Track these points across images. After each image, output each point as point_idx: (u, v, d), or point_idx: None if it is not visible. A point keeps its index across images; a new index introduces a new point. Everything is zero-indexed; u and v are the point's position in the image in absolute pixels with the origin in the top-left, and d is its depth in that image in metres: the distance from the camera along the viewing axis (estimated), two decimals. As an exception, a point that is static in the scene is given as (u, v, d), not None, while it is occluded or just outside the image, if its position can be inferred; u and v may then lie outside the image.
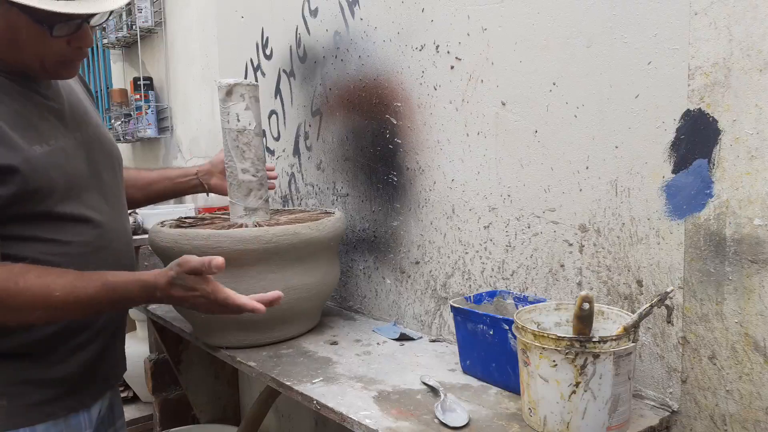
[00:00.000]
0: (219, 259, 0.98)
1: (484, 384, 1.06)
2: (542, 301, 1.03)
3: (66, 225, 1.00)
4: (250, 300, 1.00)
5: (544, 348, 0.83)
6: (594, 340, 0.82)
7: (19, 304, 0.91)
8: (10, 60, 0.97)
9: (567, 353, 0.82)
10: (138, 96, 2.77)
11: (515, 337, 0.90)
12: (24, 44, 0.95)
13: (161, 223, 1.35)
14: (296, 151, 1.70)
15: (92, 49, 3.91)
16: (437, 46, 1.23)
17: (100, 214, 1.07)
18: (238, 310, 1.00)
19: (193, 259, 0.99)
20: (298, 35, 1.63)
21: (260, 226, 1.26)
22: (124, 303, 1.02)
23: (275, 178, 1.44)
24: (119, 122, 3.01)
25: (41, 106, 1.02)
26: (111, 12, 1.02)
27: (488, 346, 1.03)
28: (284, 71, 1.71)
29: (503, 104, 1.12)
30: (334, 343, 1.30)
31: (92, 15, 0.96)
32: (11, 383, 0.98)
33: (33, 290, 0.91)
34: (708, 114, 0.85)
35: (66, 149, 1.03)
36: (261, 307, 0.99)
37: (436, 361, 1.18)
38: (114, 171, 1.15)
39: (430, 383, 1.04)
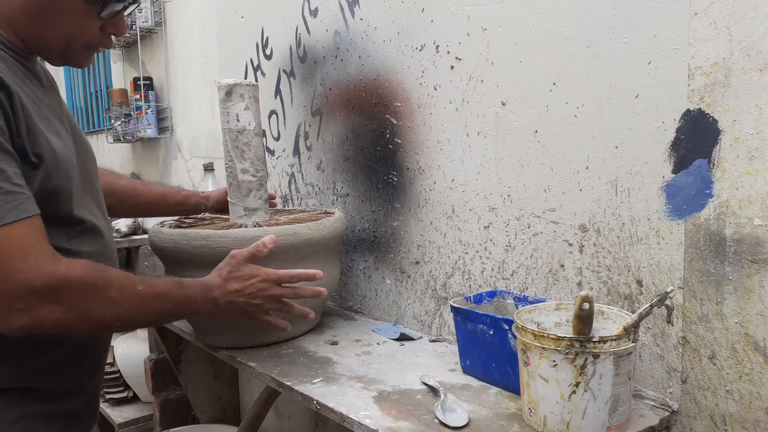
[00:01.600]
0: (268, 237, 1.07)
1: (484, 384, 1.06)
2: (542, 301, 1.03)
3: (76, 232, 0.94)
4: (302, 270, 1.07)
5: (544, 348, 0.83)
6: (594, 340, 0.82)
7: (110, 296, 0.86)
8: (30, 38, 0.90)
9: (567, 353, 0.82)
10: (138, 96, 2.77)
11: (515, 337, 0.90)
12: (59, 21, 0.88)
13: (161, 223, 1.35)
14: (296, 151, 1.70)
15: (92, 49, 3.91)
16: (437, 46, 1.23)
17: (100, 222, 1.01)
18: (297, 278, 1.05)
19: (244, 249, 1.04)
20: (298, 35, 1.63)
21: (260, 226, 1.26)
22: (188, 305, 0.99)
23: (275, 206, 1.45)
24: (119, 122, 3.01)
25: (42, 96, 0.93)
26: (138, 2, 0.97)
27: (488, 346, 1.03)
28: (284, 71, 1.71)
29: (503, 104, 1.12)
30: (334, 343, 1.30)
31: None
32: (16, 419, 0.90)
33: (120, 281, 0.88)
34: (708, 114, 0.85)
35: (69, 145, 0.95)
36: (318, 272, 1.07)
37: (436, 361, 1.18)
38: (96, 177, 1.08)
39: (430, 383, 1.04)
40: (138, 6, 1.03)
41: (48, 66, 1.04)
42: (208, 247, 1.16)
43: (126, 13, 0.97)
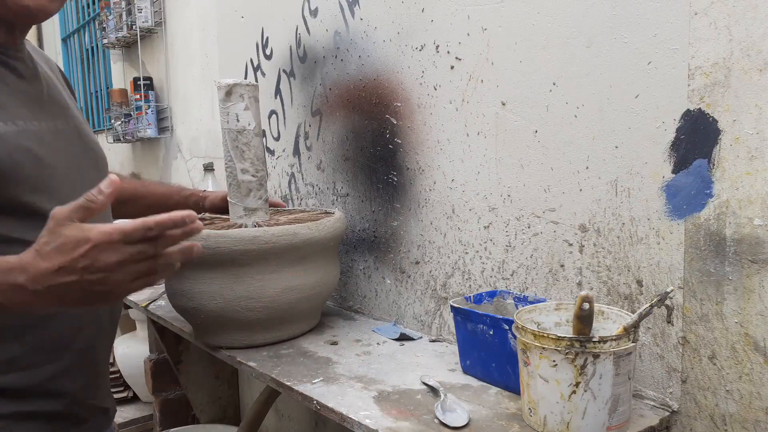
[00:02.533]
0: (110, 177, 0.70)
1: (484, 384, 1.06)
2: (542, 301, 1.03)
3: (33, 221, 0.80)
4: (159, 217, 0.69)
5: (544, 348, 0.83)
6: (594, 340, 0.82)
7: None
8: None
9: (567, 353, 0.82)
10: (138, 96, 2.77)
11: (515, 337, 0.90)
12: None
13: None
14: (296, 151, 1.70)
15: (92, 49, 3.91)
16: (437, 46, 1.23)
17: None
18: (159, 228, 0.68)
19: (69, 204, 0.69)
20: (298, 35, 1.63)
21: (260, 226, 1.26)
22: None
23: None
24: (119, 122, 3.01)
25: (14, 85, 0.88)
26: None
27: (488, 346, 1.03)
28: (284, 71, 1.71)
29: (503, 104, 1.12)
30: (334, 343, 1.30)
31: None
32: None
33: None
34: (708, 114, 0.85)
35: (39, 134, 0.87)
36: (190, 213, 0.70)
37: (436, 361, 1.18)
38: (98, 171, 1.00)
39: (430, 383, 1.04)
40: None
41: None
42: (208, 247, 1.16)
43: None
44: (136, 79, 2.79)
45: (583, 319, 0.84)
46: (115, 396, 2.46)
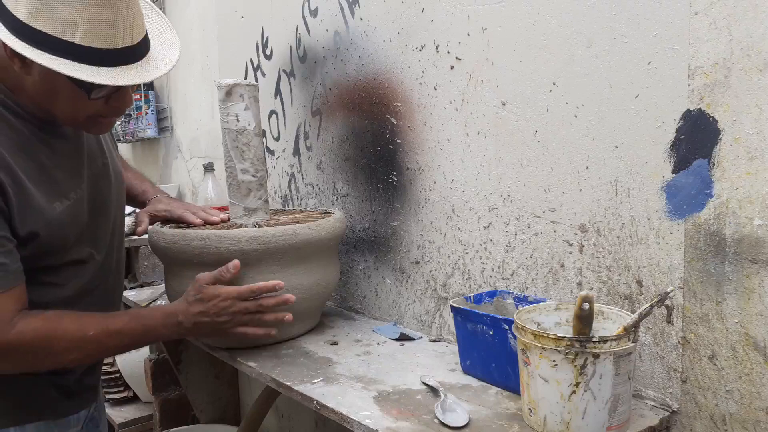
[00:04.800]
0: (234, 261, 1.11)
1: (484, 384, 1.06)
2: (542, 301, 1.03)
3: (65, 269, 1.03)
4: (262, 283, 1.11)
5: (544, 348, 0.83)
6: (594, 340, 0.82)
7: (59, 349, 0.95)
8: (41, 107, 0.97)
9: (567, 353, 0.82)
10: (138, 96, 2.76)
11: (515, 337, 0.90)
12: (60, 100, 0.95)
13: (161, 223, 1.35)
14: (296, 151, 1.70)
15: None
16: (437, 46, 1.23)
17: (100, 252, 1.10)
18: (259, 291, 1.10)
19: (208, 273, 1.10)
20: (298, 35, 1.63)
21: (260, 226, 1.26)
22: (150, 334, 1.08)
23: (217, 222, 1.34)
24: (119, 122, 3.01)
25: (62, 153, 1.02)
26: None
27: (488, 346, 1.03)
28: (284, 71, 1.71)
29: (503, 104, 1.12)
30: (334, 343, 1.30)
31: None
32: (1, 383, 0.99)
33: (70, 332, 0.96)
34: (708, 114, 0.85)
35: (83, 200, 1.05)
36: (279, 282, 1.12)
37: (436, 361, 1.18)
38: (119, 202, 1.18)
39: (430, 383, 1.04)
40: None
41: None
42: (208, 248, 1.16)
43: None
44: (136, 79, 2.78)
45: (583, 319, 0.84)
46: (115, 396, 2.46)
